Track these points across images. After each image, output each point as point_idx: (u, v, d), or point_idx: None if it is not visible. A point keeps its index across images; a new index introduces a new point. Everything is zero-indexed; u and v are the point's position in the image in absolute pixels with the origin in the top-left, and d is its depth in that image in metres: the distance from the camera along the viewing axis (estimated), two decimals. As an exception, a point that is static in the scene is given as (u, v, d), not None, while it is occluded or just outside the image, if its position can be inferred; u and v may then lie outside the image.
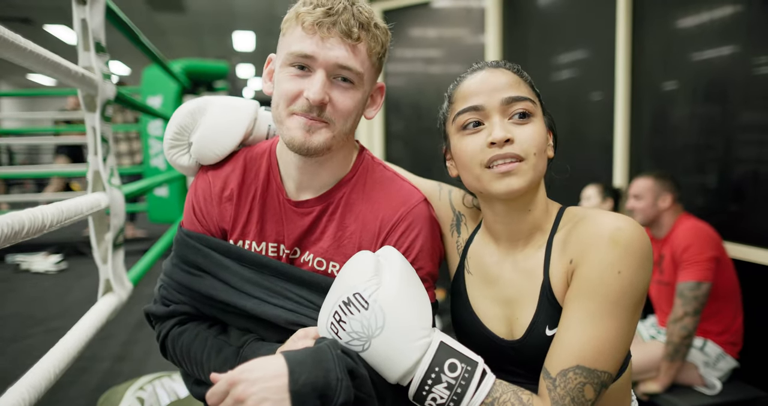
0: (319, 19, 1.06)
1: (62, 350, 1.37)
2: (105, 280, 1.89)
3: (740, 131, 2.72)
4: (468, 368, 1.00)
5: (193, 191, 1.29)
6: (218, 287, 1.18)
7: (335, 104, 1.10)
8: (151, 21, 9.63)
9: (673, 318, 2.49)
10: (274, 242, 1.22)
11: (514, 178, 1.04)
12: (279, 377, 0.91)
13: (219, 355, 1.16)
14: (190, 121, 1.29)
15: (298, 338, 1.10)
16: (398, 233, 1.17)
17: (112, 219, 1.87)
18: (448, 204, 1.32)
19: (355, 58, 1.09)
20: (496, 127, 1.05)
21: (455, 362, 1.00)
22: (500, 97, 1.07)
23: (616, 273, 0.98)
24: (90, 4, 1.78)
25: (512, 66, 1.14)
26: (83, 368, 2.97)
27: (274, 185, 1.24)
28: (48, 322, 3.75)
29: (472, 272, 1.22)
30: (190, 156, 1.32)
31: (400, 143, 4.92)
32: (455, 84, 1.17)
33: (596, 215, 1.07)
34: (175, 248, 1.27)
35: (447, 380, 0.99)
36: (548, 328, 1.07)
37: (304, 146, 1.10)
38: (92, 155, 1.85)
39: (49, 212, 1.26)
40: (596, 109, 3.54)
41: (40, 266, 5.22)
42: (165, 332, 1.25)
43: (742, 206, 2.72)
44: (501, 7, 4.09)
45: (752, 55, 2.60)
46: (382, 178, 1.25)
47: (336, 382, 0.94)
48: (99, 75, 1.79)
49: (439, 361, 1.00)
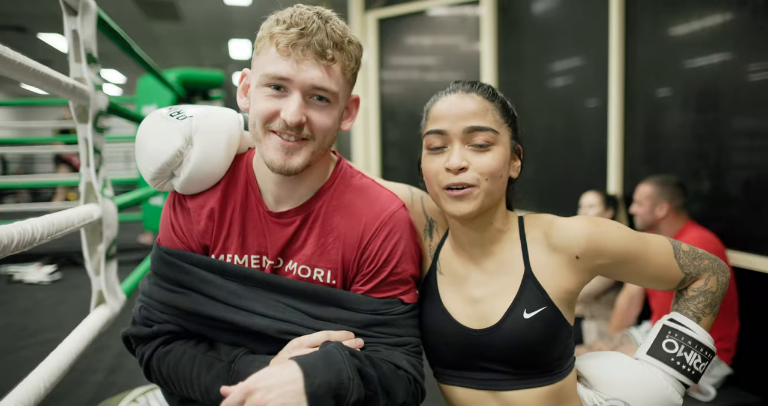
0: (293, 41, 1.05)
1: (54, 363, 1.36)
2: (98, 291, 1.88)
3: (734, 137, 2.72)
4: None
5: (171, 208, 1.25)
6: (204, 303, 1.16)
7: (313, 123, 1.10)
8: (147, 30, 9.63)
9: (669, 326, 2.47)
10: (256, 254, 1.21)
11: (464, 204, 1.14)
12: (294, 381, 0.94)
13: (210, 371, 1.14)
14: (177, 159, 1.19)
15: (293, 348, 1.10)
16: (381, 237, 1.19)
17: (105, 230, 1.85)
18: (421, 210, 1.37)
19: (330, 79, 1.09)
20: (454, 154, 1.14)
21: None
22: (463, 125, 1.15)
23: (617, 229, 1.20)
24: (81, 15, 1.77)
25: (485, 90, 1.20)
26: (76, 381, 2.94)
27: (254, 198, 1.23)
28: (41, 333, 3.72)
29: (443, 272, 1.28)
30: (173, 184, 1.24)
31: (396, 151, 4.92)
32: (431, 101, 1.24)
33: (558, 219, 1.23)
34: (153, 267, 1.24)
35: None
36: (526, 311, 1.17)
37: (284, 168, 1.11)
38: (84, 167, 1.84)
39: (39, 224, 1.25)
40: (590, 116, 3.54)
41: (33, 277, 5.19)
42: (149, 353, 1.21)
43: (736, 212, 2.72)
44: (495, 16, 4.11)
45: (744, 62, 2.60)
46: (361, 186, 1.27)
47: (348, 381, 0.98)
48: (91, 86, 1.78)
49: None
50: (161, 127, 1.20)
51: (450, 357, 1.24)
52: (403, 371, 1.13)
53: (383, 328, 1.17)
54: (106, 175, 1.93)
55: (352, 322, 1.16)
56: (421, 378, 1.17)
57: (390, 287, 1.19)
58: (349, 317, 1.16)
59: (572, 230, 1.18)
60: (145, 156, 1.20)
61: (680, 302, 1.26)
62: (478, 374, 1.21)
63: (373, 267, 1.18)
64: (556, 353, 1.19)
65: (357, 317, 1.16)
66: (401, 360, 1.14)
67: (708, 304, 1.23)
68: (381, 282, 1.18)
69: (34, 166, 15.27)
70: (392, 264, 1.19)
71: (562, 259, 1.18)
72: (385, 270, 1.18)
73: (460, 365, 1.23)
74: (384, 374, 1.07)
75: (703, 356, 1.19)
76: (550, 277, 1.18)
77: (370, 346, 1.16)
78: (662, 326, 1.23)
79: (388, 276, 1.19)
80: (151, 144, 1.19)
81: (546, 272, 1.19)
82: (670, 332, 1.21)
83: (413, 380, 1.14)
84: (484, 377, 1.21)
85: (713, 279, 1.24)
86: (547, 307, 1.17)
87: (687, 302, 1.24)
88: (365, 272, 1.19)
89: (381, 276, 1.18)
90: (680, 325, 1.21)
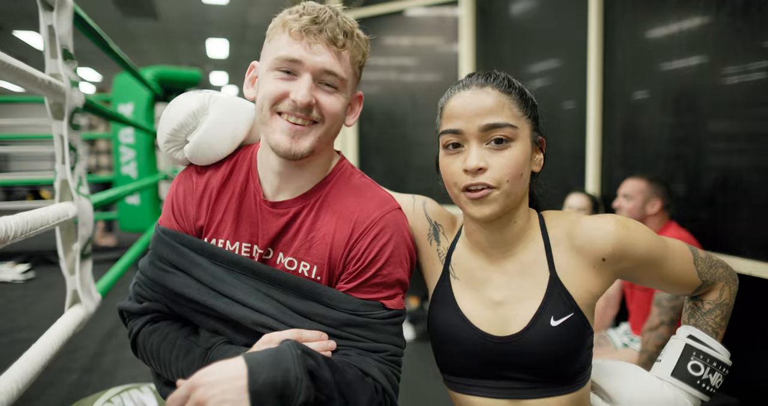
0: (306, 26, 1.10)
1: (28, 363, 1.34)
2: (72, 291, 1.85)
3: (711, 140, 2.75)
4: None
5: (174, 189, 1.31)
6: (190, 285, 1.19)
7: (322, 106, 1.14)
8: (124, 27, 9.52)
9: (648, 327, 2.50)
10: (247, 243, 1.23)
11: (485, 206, 1.10)
12: (238, 378, 0.91)
13: (186, 356, 1.17)
14: (192, 121, 1.28)
15: (263, 344, 1.10)
16: (370, 236, 1.18)
17: (80, 229, 1.83)
18: (423, 215, 1.33)
19: (339, 64, 1.14)
20: (471, 155, 1.10)
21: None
22: (479, 123, 1.10)
23: (645, 233, 1.17)
24: (57, 11, 1.74)
25: (501, 82, 1.15)
26: (50, 381, 2.91)
27: (252, 186, 1.26)
28: (14, 333, 3.68)
29: (458, 277, 1.24)
30: (184, 151, 1.32)
31: (374, 152, 4.92)
32: (445, 98, 1.19)
33: (582, 217, 1.19)
34: (151, 245, 1.28)
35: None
36: (553, 318, 1.13)
37: (290, 152, 1.13)
38: (60, 164, 1.82)
39: (13, 222, 1.23)
40: (568, 118, 3.57)
41: (6, 276, 5.12)
42: (137, 329, 1.26)
43: (713, 214, 2.75)
44: (474, 17, 4.12)
45: (721, 64, 2.64)
46: (360, 184, 1.27)
47: (295, 381, 0.94)
48: (67, 82, 1.76)
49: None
50: (182, 96, 1.33)
51: (468, 365, 1.19)
52: (371, 378, 1.10)
53: (360, 330, 1.15)
54: (81, 173, 1.91)
55: (329, 319, 1.15)
56: (392, 389, 1.14)
57: (373, 288, 1.18)
58: (326, 314, 1.15)
59: (600, 231, 1.14)
60: (165, 119, 1.30)
61: (697, 316, 1.24)
62: (498, 382, 1.17)
63: (359, 266, 1.17)
64: (581, 361, 1.16)
65: (335, 315, 1.15)
66: (372, 368, 1.11)
67: (724, 316, 1.23)
68: (364, 282, 1.17)
69: (8, 165, 15.05)
70: (378, 265, 1.17)
71: (587, 261, 1.15)
72: (370, 270, 1.17)
73: (478, 373, 1.19)
74: (345, 380, 1.04)
75: (723, 374, 1.20)
76: (577, 281, 1.15)
77: (343, 349, 1.14)
78: (685, 345, 1.21)
79: (372, 277, 1.17)
80: (172, 108, 1.31)
81: (572, 275, 1.15)
82: (695, 354, 1.19)
83: (381, 390, 1.11)
84: (504, 385, 1.17)
85: (727, 290, 1.24)
86: (574, 313, 1.13)
87: (705, 317, 1.23)
88: (350, 271, 1.18)
89: (365, 276, 1.17)
90: (703, 344, 1.20)
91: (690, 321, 1.26)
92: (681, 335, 1.24)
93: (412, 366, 1.27)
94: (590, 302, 1.15)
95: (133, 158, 5.85)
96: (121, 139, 5.87)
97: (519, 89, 1.16)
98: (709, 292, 1.24)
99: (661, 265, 1.18)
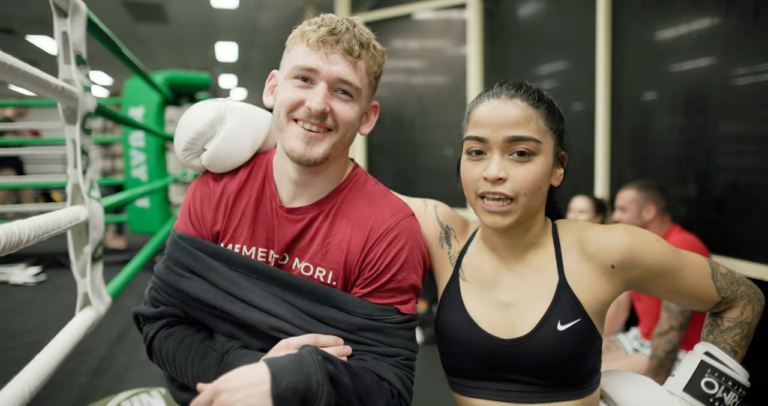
0: (323, 37, 1.14)
1: (39, 365, 1.35)
2: (83, 294, 1.86)
3: (721, 141, 2.74)
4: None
5: (191, 195, 1.33)
6: (206, 289, 1.20)
7: (336, 113, 1.16)
8: (134, 32, 9.58)
9: (658, 332, 2.48)
10: (264, 248, 1.25)
11: (500, 218, 1.12)
12: (261, 383, 0.93)
13: (203, 361, 1.18)
14: (209, 130, 1.31)
15: (281, 349, 1.12)
16: (385, 243, 1.20)
17: (92, 232, 1.84)
18: (435, 219, 1.34)
19: (355, 74, 1.16)
20: (493, 164, 1.11)
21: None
22: (504, 134, 1.11)
23: (656, 242, 1.16)
24: (71, 17, 1.76)
25: (531, 95, 1.15)
26: (60, 384, 2.92)
27: (268, 192, 1.28)
28: (25, 335, 3.69)
29: (468, 279, 1.26)
30: (201, 160, 1.34)
31: (382, 154, 4.92)
32: (474, 103, 1.20)
33: (594, 226, 1.21)
34: (167, 250, 1.30)
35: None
36: (560, 323, 1.14)
37: (304, 157, 1.15)
38: (72, 168, 1.83)
39: (26, 226, 1.24)
40: (577, 120, 3.56)
41: (18, 278, 5.15)
42: (152, 333, 1.27)
43: (723, 217, 2.74)
44: (482, 19, 4.13)
45: (731, 66, 2.63)
46: (374, 191, 1.29)
47: (317, 386, 0.96)
48: (80, 87, 1.77)
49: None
50: (200, 104, 1.34)
51: (473, 367, 1.20)
52: (387, 383, 1.12)
53: (375, 335, 1.17)
54: (93, 177, 1.92)
55: (345, 324, 1.16)
56: (407, 393, 1.16)
57: (388, 293, 1.19)
58: (342, 318, 1.17)
59: (609, 238, 1.15)
60: (182, 127, 1.32)
61: (716, 333, 1.23)
62: (504, 385, 1.18)
63: (374, 272, 1.19)
64: (588, 367, 1.16)
65: (350, 320, 1.16)
66: (387, 372, 1.13)
67: (744, 336, 1.21)
68: (379, 287, 1.19)
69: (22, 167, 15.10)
70: (393, 271, 1.19)
71: (597, 268, 1.16)
72: (385, 276, 1.19)
73: (484, 375, 1.20)
74: (363, 384, 1.06)
75: (740, 395, 1.18)
76: (586, 287, 1.16)
77: (358, 354, 1.16)
78: (700, 361, 1.20)
79: (387, 282, 1.19)
80: (189, 117, 1.33)
81: (581, 281, 1.16)
82: (709, 371, 1.18)
83: (397, 394, 1.13)
84: (509, 388, 1.18)
85: (749, 308, 1.22)
86: (581, 319, 1.14)
87: (723, 334, 1.21)
88: (365, 276, 1.20)
89: (380, 281, 1.19)
90: (719, 362, 1.19)
91: (708, 338, 1.24)
92: (698, 351, 1.23)
93: (418, 369, 1.28)
94: (599, 308, 1.16)
95: (143, 161, 5.86)
96: (131, 143, 5.88)
97: (548, 103, 1.17)
98: (729, 309, 1.23)
99: (673, 276, 1.17)
